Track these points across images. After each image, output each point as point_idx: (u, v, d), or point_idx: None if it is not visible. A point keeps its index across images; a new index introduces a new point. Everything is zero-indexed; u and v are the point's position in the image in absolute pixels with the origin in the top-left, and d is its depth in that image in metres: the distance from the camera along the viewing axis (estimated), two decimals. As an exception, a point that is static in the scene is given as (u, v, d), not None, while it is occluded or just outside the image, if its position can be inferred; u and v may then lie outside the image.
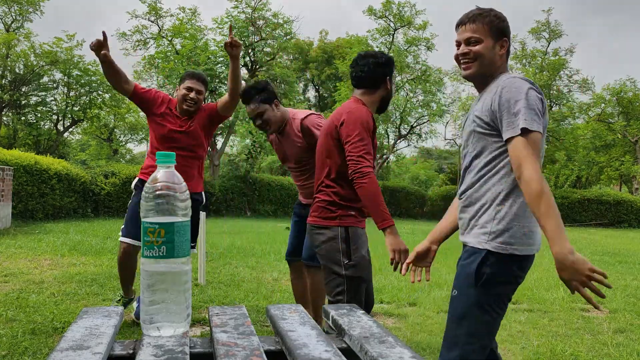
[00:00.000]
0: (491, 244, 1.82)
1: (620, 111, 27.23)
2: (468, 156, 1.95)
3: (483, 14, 1.93)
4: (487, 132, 1.86)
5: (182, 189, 1.10)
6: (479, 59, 1.91)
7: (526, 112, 1.74)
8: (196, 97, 3.42)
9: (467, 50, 1.92)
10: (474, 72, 1.94)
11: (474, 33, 1.91)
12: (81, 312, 1.13)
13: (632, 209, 22.08)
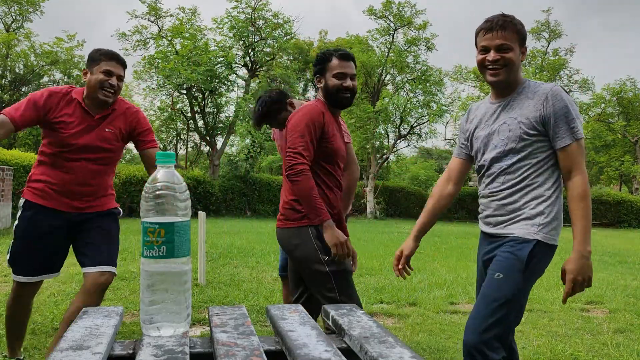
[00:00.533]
0: (540, 234, 2.03)
1: (620, 111, 27.23)
2: (508, 158, 2.04)
3: (513, 21, 1.98)
4: (535, 136, 1.97)
5: (182, 189, 1.10)
6: (509, 65, 1.98)
7: (578, 121, 1.96)
8: (117, 84, 2.61)
9: (499, 57, 1.97)
10: (503, 78, 2.00)
11: (506, 40, 1.96)
12: (81, 312, 1.13)
13: (632, 209, 22.09)
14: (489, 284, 2.00)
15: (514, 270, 1.98)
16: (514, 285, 1.98)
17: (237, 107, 19.74)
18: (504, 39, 1.96)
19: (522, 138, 1.99)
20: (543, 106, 1.95)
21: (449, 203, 2.36)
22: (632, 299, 5.41)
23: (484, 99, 2.22)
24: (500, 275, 1.99)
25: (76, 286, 4.96)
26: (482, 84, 23.86)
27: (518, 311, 2.03)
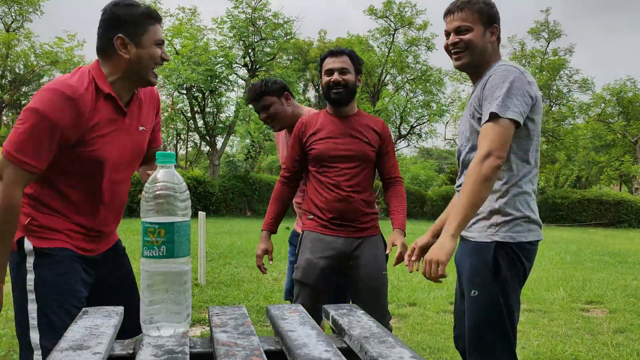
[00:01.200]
0: (499, 235, 1.79)
1: (621, 111, 27.23)
2: (463, 149, 1.91)
3: (471, 1, 1.87)
4: (479, 123, 1.81)
5: (182, 189, 1.10)
6: (470, 48, 1.86)
7: (503, 98, 1.71)
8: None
9: (457, 40, 1.87)
10: (466, 62, 1.89)
11: (464, 22, 1.86)
12: (81, 312, 1.13)
13: (632, 209, 22.08)
14: (469, 305, 1.85)
15: (485, 281, 1.80)
16: (491, 299, 1.80)
17: (237, 107, 19.74)
18: (461, 20, 1.86)
19: (471, 126, 1.85)
20: (481, 88, 1.81)
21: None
22: (632, 299, 5.41)
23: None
24: (476, 293, 1.82)
25: (76, 286, 4.96)
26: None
27: (509, 319, 1.82)
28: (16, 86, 24.17)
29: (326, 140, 2.39)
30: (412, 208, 22.77)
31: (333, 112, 2.47)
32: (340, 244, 2.37)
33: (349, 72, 2.41)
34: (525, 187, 1.82)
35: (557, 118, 22.09)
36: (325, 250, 2.36)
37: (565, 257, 9.09)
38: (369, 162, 2.43)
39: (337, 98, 2.40)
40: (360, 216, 2.41)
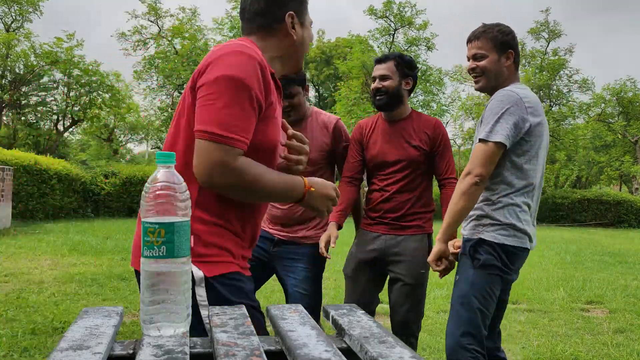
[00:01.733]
0: (484, 233, 2.05)
1: (621, 111, 27.23)
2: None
3: (487, 30, 2.13)
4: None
5: (182, 189, 1.10)
6: (486, 73, 2.12)
7: (493, 125, 1.96)
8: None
9: (475, 66, 2.14)
10: (483, 85, 2.16)
11: (479, 50, 2.12)
12: (81, 312, 1.13)
13: (632, 209, 22.07)
14: (453, 289, 2.17)
15: (464, 268, 2.10)
16: (465, 282, 2.08)
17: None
18: (477, 48, 2.12)
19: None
20: (485, 111, 2.11)
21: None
22: (632, 299, 5.41)
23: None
24: (457, 278, 2.14)
25: (76, 286, 4.96)
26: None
27: (481, 306, 2.04)
28: (16, 86, 24.17)
29: (374, 144, 2.57)
30: (412, 208, 22.77)
31: (384, 117, 2.62)
32: (382, 240, 2.53)
33: (389, 78, 2.52)
34: (516, 200, 2.04)
35: (557, 118, 22.06)
36: (367, 245, 2.56)
37: (565, 257, 9.09)
38: (417, 165, 2.51)
39: (379, 104, 2.55)
40: (405, 215, 2.51)
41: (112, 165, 16.27)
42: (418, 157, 2.50)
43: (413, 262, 2.47)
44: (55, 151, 24.54)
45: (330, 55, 34.95)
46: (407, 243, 2.49)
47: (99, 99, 24.92)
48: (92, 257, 6.73)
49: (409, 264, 2.47)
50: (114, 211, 14.64)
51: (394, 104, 2.54)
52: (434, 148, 2.52)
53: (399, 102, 2.56)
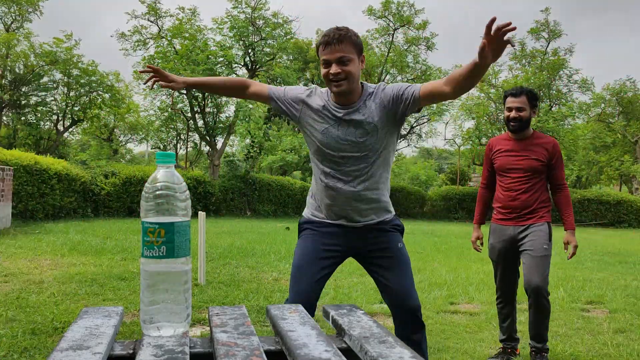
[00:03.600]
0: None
1: (620, 111, 27.22)
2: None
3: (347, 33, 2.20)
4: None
5: (182, 189, 1.10)
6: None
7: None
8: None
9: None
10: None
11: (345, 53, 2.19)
12: (81, 312, 1.13)
13: (632, 209, 22.08)
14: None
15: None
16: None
17: (237, 107, 19.74)
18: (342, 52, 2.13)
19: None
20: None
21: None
22: (632, 299, 5.41)
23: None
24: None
25: (76, 286, 4.96)
26: (482, 84, 23.86)
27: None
28: (16, 86, 24.17)
29: (504, 156, 3.31)
30: (412, 208, 22.76)
31: (513, 136, 3.32)
32: (511, 230, 3.28)
33: (524, 110, 3.22)
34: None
35: (557, 118, 22.06)
36: (501, 236, 3.32)
37: (565, 257, 9.08)
38: (537, 173, 3.23)
39: (513, 130, 3.27)
40: (528, 211, 3.23)
41: (112, 165, 16.27)
42: (538, 167, 3.22)
43: (536, 240, 3.16)
44: (55, 151, 24.53)
45: (330, 55, 34.91)
46: (531, 229, 3.21)
47: (98, 98, 24.93)
48: (92, 257, 6.73)
49: (533, 241, 3.16)
50: (113, 211, 14.64)
51: (524, 128, 3.27)
52: (550, 161, 3.24)
53: (527, 126, 3.28)
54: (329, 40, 2.14)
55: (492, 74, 24.23)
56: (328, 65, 2.17)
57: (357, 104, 2.22)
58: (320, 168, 2.32)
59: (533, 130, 3.34)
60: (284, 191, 19.89)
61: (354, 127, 2.22)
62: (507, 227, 3.29)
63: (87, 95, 24.82)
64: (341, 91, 2.18)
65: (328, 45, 2.14)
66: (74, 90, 24.81)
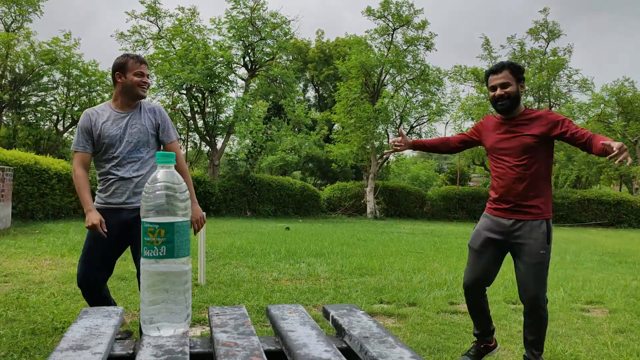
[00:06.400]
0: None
1: (620, 111, 27.21)
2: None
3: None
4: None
5: (182, 189, 1.10)
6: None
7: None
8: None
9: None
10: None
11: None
12: (81, 312, 1.13)
13: (632, 209, 22.08)
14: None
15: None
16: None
17: (235, 107, 19.72)
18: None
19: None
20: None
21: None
22: (632, 299, 5.41)
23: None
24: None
25: (76, 286, 4.96)
26: (482, 84, 23.85)
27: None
28: (16, 86, 24.16)
29: (494, 136, 2.99)
30: (412, 208, 22.75)
31: (503, 117, 2.97)
32: (504, 222, 2.92)
33: (510, 85, 2.89)
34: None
35: (557, 118, 22.03)
36: (492, 226, 2.97)
37: (565, 257, 9.09)
38: (534, 154, 2.85)
39: (501, 109, 2.93)
40: (525, 203, 2.86)
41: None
42: (534, 144, 2.85)
43: (533, 242, 2.89)
44: (55, 151, 24.52)
45: (330, 55, 34.94)
46: (528, 226, 2.90)
47: (98, 98, 24.91)
48: (92, 257, 6.73)
49: (530, 245, 2.90)
50: (113, 211, 14.62)
51: (514, 107, 2.92)
52: (552, 132, 2.84)
53: (517, 104, 2.93)
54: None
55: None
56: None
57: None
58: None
59: (525, 107, 2.96)
60: (284, 191, 19.88)
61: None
62: (499, 219, 2.94)
63: (87, 95, 24.81)
64: None
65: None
66: (73, 90, 24.81)
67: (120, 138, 2.93)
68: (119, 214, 2.94)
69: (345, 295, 5.00)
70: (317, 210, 21.22)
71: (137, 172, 2.95)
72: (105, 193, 2.98)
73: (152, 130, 3.02)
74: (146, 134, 2.99)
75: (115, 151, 2.93)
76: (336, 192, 22.85)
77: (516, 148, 2.86)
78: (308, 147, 25.97)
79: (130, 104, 2.99)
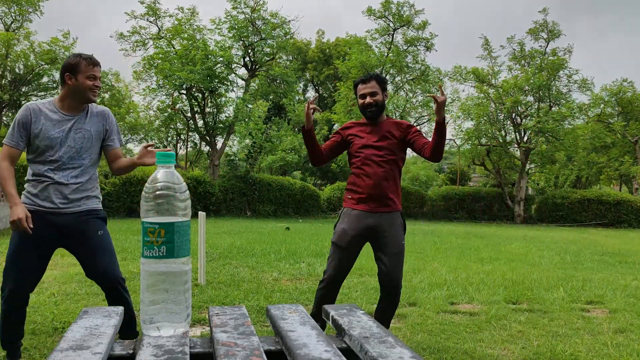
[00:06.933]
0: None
1: (620, 112, 27.20)
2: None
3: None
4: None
5: (182, 189, 1.10)
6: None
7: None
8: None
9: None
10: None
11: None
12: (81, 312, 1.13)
13: (632, 209, 22.07)
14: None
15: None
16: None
17: (235, 107, 19.73)
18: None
19: None
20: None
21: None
22: (632, 299, 5.41)
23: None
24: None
25: (76, 286, 4.96)
26: (481, 85, 23.84)
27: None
28: (16, 86, 24.16)
29: (361, 138, 3.26)
30: (412, 208, 22.75)
31: (370, 123, 3.28)
32: (368, 217, 3.16)
33: (377, 94, 3.23)
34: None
35: (556, 118, 22.03)
36: (358, 222, 3.18)
37: (565, 257, 9.09)
38: (394, 156, 3.20)
39: (371, 116, 3.25)
40: (386, 198, 3.18)
41: (112, 166, 16.27)
42: (395, 147, 3.22)
43: (395, 234, 3.25)
44: (55, 151, 24.49)
45: (330, 55, 34.94)
46: (389, 219, 3.23)
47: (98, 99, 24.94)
48: (92, 257, 6.73)
49: (393, 236, 3.25)
50: (114, 211, 14.63)
51: (380, 114, 3.28)
52: (407, 136, 3.24)
53: (382, 111, 3.30)
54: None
55: (491, 75, 24.21)
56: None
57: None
58: None
59: (387, 116, 3.36)
60: (284, 191, 19.88)
61: None
62: (364, 214, 3.17)
63: (87, 96, 24.79)
64: None
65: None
66: (73, 90, 24.77)
67: (62, 142, 2.74)
68: (49, 218, 2.72)
69: (345, 295, 5.00)
70: (317, 210, 21.22)
71: (75, 178, 2.77)
72: (36, 195, 2.76)
73: (98, 135, 2.87)
74: (90, 139, 2.82)
75: (54, 155, 2.74)
76: (336, 192, 22.85)
77: (382, 150, 3.20)
78: (308, 147, 25.87)
79: (77, 107, 2.80)
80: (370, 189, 3.15)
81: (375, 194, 3.15)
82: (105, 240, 2.84)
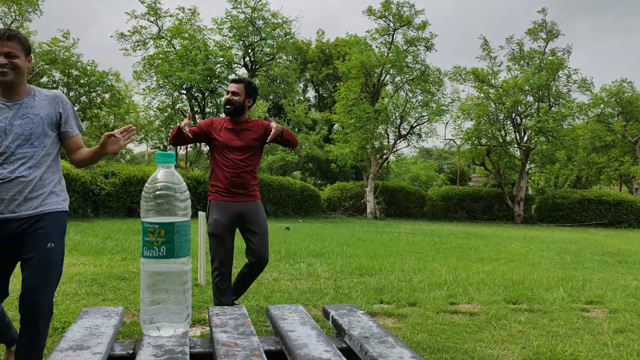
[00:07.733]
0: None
1: (620, 112, 27.19)
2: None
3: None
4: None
5: (182, 189, 1.10)
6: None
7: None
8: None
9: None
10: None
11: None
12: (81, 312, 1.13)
13: (632, 209, 22.06)
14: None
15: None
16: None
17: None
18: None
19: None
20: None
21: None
22: (632, 299, 5.41)
23: None
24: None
25: (76, 286, 4.96)
26: (481, 85, 23.84)
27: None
28: (16, 86, 24.14)
29: (225, 134, 3.70)
30: (412, 208, 22.75)
31: (230, 119, 3.74)
32: (236, 206, 3.69)
33: (238, 95, 3.66)
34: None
35: (556, 118, 22.02)
36: (227, 211, 3.67)
37: (565, 257, 9.09)
38: (255, 151, 3.77)
39: (227, 112, 3.71)
40: (250, 188, 3.76)
41: (112, 166, 16.27)
42: (255, 144, 3.75)
43: (260, 217, 3.90)
44: (55, 151, 24.49)
45: (330, 55, 34.94)
46: (253, 206, 3.83)
47: (98, 98, 24.92)
48: (92, 257, 6.73)
49: (258, 218, 3.88)
50: (114, 211, 14.63)
51: (238, 113, 3.72)
52: (267, 134, 3.69)
53: (243, 112, 3.75)
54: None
55: (491, 75, 24.21)
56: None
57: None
58: None
59: (249, 117, 3.81)
60: (284, 191, 19.88)
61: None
62: (232, 203, 3.66)
63: (87, 95, 24.82)
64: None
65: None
66: (73, 90, 24.81)
67: (6, 130, 2.42)
68: (2, 227, 2.42)
69: (345, 295, 5.00)
70: (317, 210, 21.22)
71: (29, 170, 2.44)
72: None
73: (50, 120, 2.54)
74: (40, 124, 2.49)
75: (0, 146, 2.42)
76: (336, 192, 22.84)
77: (244, 146, 3.67)
78: (308, 147, 25.95)
79: (15, 90, 2.47)
80: (235, 180, 3.76)
81: (239, 184, 3.77)
82: (51, 256, 2.48)
